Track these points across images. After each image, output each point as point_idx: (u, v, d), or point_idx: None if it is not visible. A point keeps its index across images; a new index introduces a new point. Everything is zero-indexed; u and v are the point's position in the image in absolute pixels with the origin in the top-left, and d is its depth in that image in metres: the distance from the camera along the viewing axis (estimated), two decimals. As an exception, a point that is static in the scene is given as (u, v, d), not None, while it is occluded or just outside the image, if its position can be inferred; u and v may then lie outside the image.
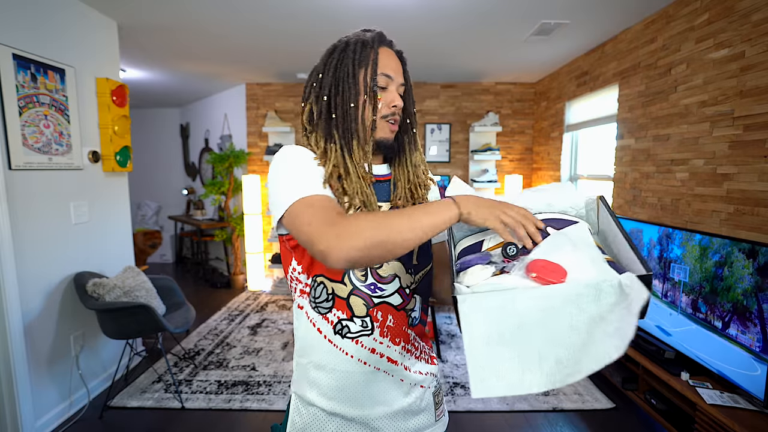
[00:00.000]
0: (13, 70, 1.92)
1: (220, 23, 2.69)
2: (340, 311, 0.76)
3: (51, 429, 2.10)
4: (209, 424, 2.17)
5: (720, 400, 1.72)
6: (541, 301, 0.46)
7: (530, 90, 4.47)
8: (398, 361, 0.78)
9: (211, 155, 4.63)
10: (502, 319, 0.46)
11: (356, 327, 0.76)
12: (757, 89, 1.81)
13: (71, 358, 2.27)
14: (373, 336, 0.76)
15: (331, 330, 0.76)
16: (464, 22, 2.68)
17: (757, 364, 1.62)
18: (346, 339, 0.76)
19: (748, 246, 1.68)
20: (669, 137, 2.36)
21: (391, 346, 0.77)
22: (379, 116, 0.79)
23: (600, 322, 0.44)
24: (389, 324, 0.77)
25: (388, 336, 0.77)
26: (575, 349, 0.43)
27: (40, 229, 2.09)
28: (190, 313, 2.48)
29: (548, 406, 2.31)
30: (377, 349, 0.76)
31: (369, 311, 0.76)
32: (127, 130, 2.65)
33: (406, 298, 0.79)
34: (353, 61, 0.78)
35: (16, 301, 1.93)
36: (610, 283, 0.45)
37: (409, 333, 0.80)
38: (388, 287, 0.77)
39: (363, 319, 0.76)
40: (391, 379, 0.78)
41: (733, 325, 1.73)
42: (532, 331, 0.45)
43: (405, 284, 0.79)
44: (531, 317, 0.45)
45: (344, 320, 0.76)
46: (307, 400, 0.79)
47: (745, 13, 1.87)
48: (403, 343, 0.79)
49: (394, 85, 0.80)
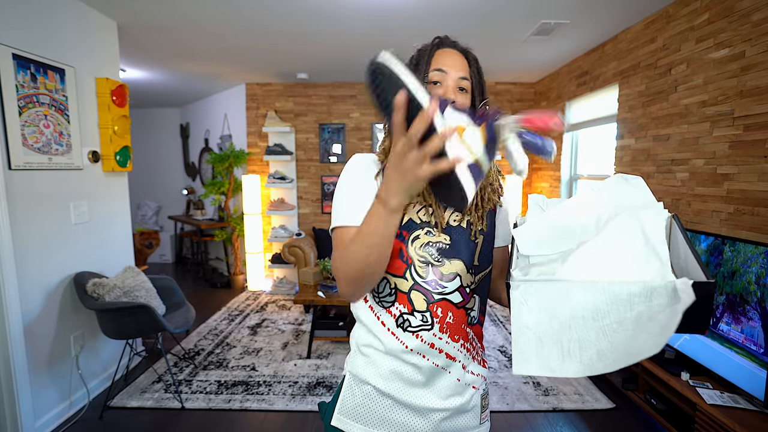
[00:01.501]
0: (13, 69, 1.92)
1: (220, 23, 2.69)
2: (402, 305, 0.78)
3: (51, 429, 2.10)
4: (209, 424, 2.17)
5: (720, 400, 1.72)
6: (593, 295, 0.47)
7: (530, 90, 4.47)
8: (456, 358, 0.79)
9: (211, 155, 4.63)
10: (552, 307, 0.48)
11: (417, 321, 0.77)
12: (758, 89, 1.81)
13: (71, 358, 2.27)
14: (432, 331, 0.77)
15: (393, 322, 0.78)
16: (464, 22, 2.67)
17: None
18: (407, 332, 0.77)
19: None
20: (669, 137, 2.36)
21: (450, 343, 0.78)
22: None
23: (647, 322, 0.45)
24: (449, 321, 0.78)
25: (448, 332, 0.78)
26: (618, 343, 0.45)
27: (40, 229, 2.08)
28: (190, 313, 2.48)
29: (548, 406, 2.31)
30: (436, 344, 0.77)
31: (429, 306, 0.77)
32: (127, 130, 2.65)
33: (466, 296, 0.80)
34: (409, 66, 0.79)
35: (16, 301, 1.93)
36: (665, 285, 0.46)
37: (468, 331, 0.81)
38: (450, 285, 0.78)
39: (423, 313, 0.77)
40: (448, 376, 0.79)
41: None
42: (579, 322, 0.47)
43: (465, 283, 0.79)
44: (581, 309, 0.47)
45: (405, 314, 0.78)
46: (361, 378, 0.81)
47: (745, 13, 1.87)
48: (462, 341, 0.80)
49: (450, 80, 0.78)
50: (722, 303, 1.78)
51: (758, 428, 1.55)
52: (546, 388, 2.50)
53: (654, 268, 0.49)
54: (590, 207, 0.62)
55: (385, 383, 0.79)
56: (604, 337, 0.46)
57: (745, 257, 1.69)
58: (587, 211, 0.62)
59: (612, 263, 0.50)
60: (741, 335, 1.69)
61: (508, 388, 2.50)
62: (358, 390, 0.82)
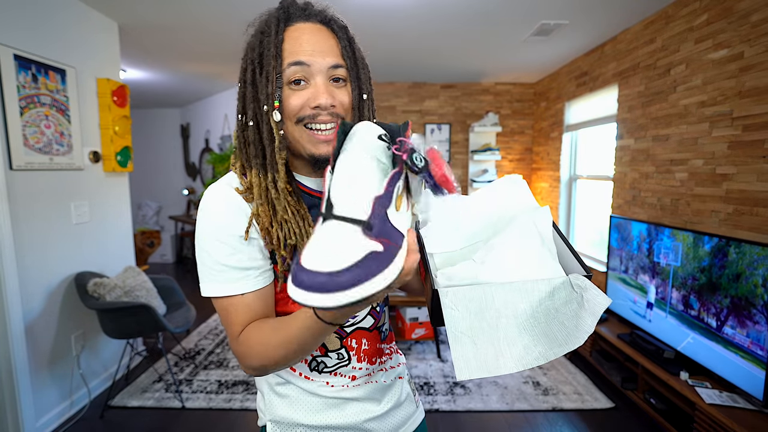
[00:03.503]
0: (15, 70, 1.93)
1: (220, 23, 2.70)
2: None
3: (52, 428, 2.11)
4: (209, 424, 2.17)
5: (719, 400, 1.73)
6: (512, 294, 0.51)
7: (530, 90, 4.48)
8: (378, 380, 0.75)
9: (211, 155, 4.64)
10: (480, 309, 0.51)
11: (332, 361, 0.71)
12: (756, 90, 1.82)
13: (72, 358, 2.27)
14: (351, 365, 0.71)
15: (306, 368, 0.71)
16: (464, 22, 2.68)
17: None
18: (324, 373, 0.71)
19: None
20: (668, 137, 2.37)
21: (370, 367, 0.73)
22: (292, 124, 0.61)
23: (555, 314, 0.50)
24: (365, 348, 0.73)
25: (365, 359, 0.73)
26: (538, 336, 0.50)
27: (41, 229, 2.09)
28: (191, 312, 2.49)
29: (548, 406, 2.31)
30: (357, 375, 0.72)
31: (343, 342, 0.71)
32: (128, 130, 2.66)
33: (377, 316, 0.75)
34: (252, 61, 0.61)
35: (17, 301, 1.93)
36: (562, 281, 0.51)
37: (382, 348, 0.77)
38: (360, 313, 0.71)
39: (338, 351, 0.71)
40: (375, 386, 0.75)
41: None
42: (503, 321, 0.51)
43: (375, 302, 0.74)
44: (504, 308, 0.51)
45: (318, 357, 0.70)
46: (288, 421, 0.71)
47: (744, 13, 1.87)
48: (379, 359, 0.76)
49: (319, 74, 0.59)
50: (727, 306, 1.78)
51: (757, 427, 1.56)
52: (545, 388, 2.50)
53: (550, 265, 0.55)
54: (484, 206, 0.66)
55: (317, 417, 0.70)
56: (525, 332, 0.51)
57: (750, 259, 1.68)
58: (482, 210, 0.65)
59: (521, 263, 0.54)
60: (747, 339, 1.69)
61: (508, 388, 2.50)
62: None
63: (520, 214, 0.61)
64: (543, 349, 0.50)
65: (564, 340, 0.50)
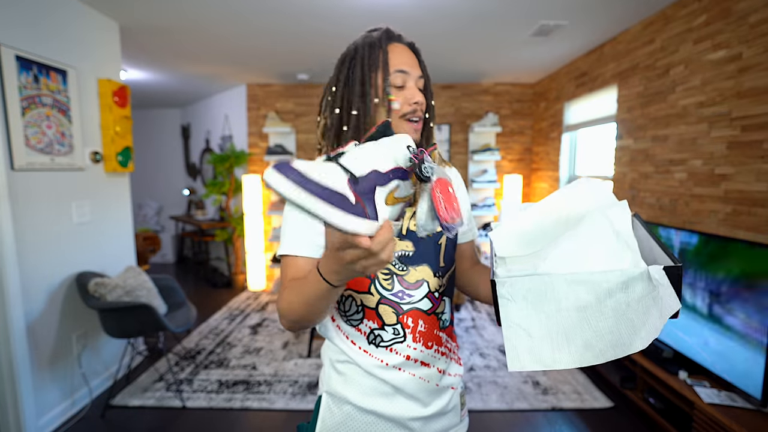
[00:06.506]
0: (16, 71, 1.93)
1: (220, 24, 2.71)
2: (371, 321, 0.76)
3: (53, 428, 2.11)
4: (210, 424, 2.18)
5: (718, 399, 1.73)
6: (575, 286, 0.48)
7: (529, 90, 4.48)
8: (432, 365, 0.78)
9: (211, 155, 4.65)
10: (539, 301, 0.49)
11: (389, 335, 0.76)
12: (755, 90, 1.82)
13: (73, 357, 2.28)
14: (406, 343, 0.76)
15: (365, 341, 0.77)
16: (464, 22, 2.69)
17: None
18: (380, 348, 0.76)
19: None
20: (667, 138, 2.37)
21: (425, 351, 0.77)
22: (398, 116, 0.75)
23: (626, 310, 0.47)
24: (421, 329, 0.76)
25: (421, 341, 0.76)
26: (602, 332, 0.47)
27: (43, 229, 2.10)
28: (191, 312, 2.50)
29: (547, 405, 2.32)
30: (412, 355, 0.76)
31: (399, 318, 0.75)
32: (129, 130, 2.67)
33: (435, 301, 0.78)
34: (362, 66, 0.75)
35: (19, 301, 1.94)
36: (640, 272, 0.47)
37: (440, 336, 0.80)
38: (417, 293, 0.76)
39: (394, 327, 0.75)
40: (426, 384, 0.78)
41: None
42: (564, 313, 0.48)
43: (434, 288, 0.78)
44: (564, 300, 0.49)
45: (376, 330, 0.76)
46: (340, 397, 0.78)
47: (742, 14, 1.88)
48: (435, 346, 0.78)
49: (412, 80, 0.77)
50: (726, 307, 1.79)
51: (756, 426, 1.57)
52: (545, 387, 2.51)
53: (627, 258, 0.51)
54: (558, 209, 0.64)
55: (365, 400, 0.76)
56: (588, 327, 0.47)
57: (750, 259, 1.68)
58: (556, 213, 0.64)
59: (588, 257, 0.51)
60: (746, 328, 1.70)
61: (507, 387, 2.51)
62: (338, 410, 0.79)
63: (593, 210, 0.58)
64: (605, 347, 0.47)
65: (629, 340, 0.46)
